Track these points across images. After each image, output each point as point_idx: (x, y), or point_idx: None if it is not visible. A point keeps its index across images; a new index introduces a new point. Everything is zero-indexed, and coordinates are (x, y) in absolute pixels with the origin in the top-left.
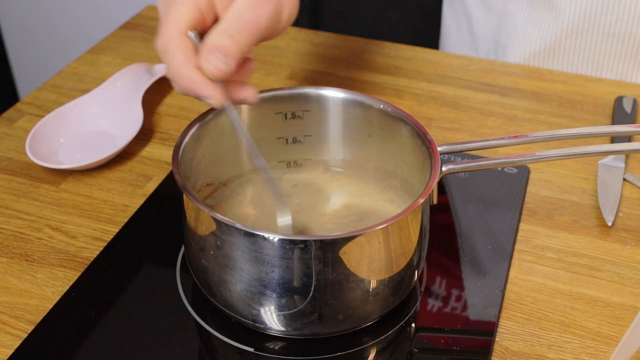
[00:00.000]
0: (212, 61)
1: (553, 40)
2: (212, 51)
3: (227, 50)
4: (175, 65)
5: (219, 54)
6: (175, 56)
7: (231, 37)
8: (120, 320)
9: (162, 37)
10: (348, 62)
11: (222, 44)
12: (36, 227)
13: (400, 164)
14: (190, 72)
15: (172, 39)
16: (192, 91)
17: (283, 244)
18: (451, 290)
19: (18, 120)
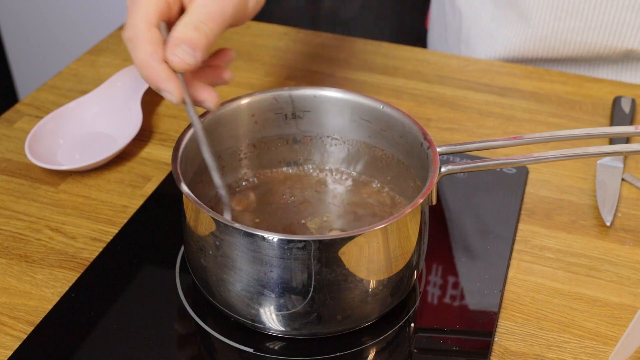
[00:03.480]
0: (178, 54)
1: (518, 44)
2: (179, 44)
3: (194, 43)
4: (141, 56)
5: (185, 46)
6: (142, 47)
7: (197, 28)
8: (119, 321)
9: (130, 28)
10: (347, 62)
11: (188, 36)
12: (35, 228)
13: (399, 164)
14: (155, 64)
15: (140, 30)
16: (154, 83)
17: (282, 244)
18: (450, 291)
19: (17, 122)
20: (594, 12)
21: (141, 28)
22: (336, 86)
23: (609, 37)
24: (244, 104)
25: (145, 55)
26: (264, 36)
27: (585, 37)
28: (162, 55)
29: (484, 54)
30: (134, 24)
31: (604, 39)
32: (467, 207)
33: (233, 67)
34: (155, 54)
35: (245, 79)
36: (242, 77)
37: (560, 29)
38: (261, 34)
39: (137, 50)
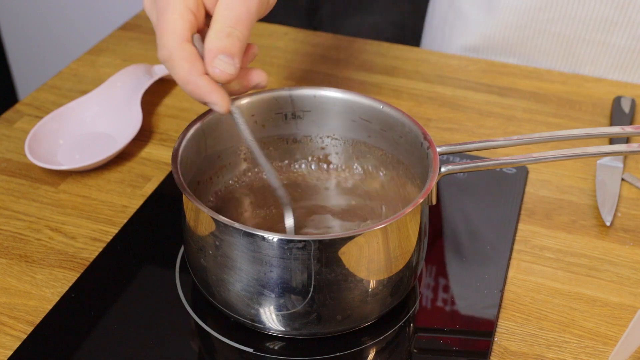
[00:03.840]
0: (218, 66)
1: (490, 31)
2: (216, 55)
3: (230, 51)
4: (181, 75)
5: (223, 56)
6: (179, 65)
7: (229, 35)
8: (119, 321)
9: (163, 48)
10: (347, 62)
11: (223, 46)
12: (35, 228)
13: (399, 164)
14: (196, 80)
15: (174, 49)
16: (199, 98)
17: (282, 244)
18: (450, 291)
19: (17, 122)
20: (572, 4)
21: (174, 46)
22: (336, 86)
23: (585, 30)
24: (244, 104)
25: (185, 73)
26: (264, 36)
27: (562, 29)
28: (201, 69)
29: (461, 41)
30: (166, 44)
31: (581, 32)
32: (467, 207)
33: None
34: (193, 70)
35: None
36: None
37: (537, 19)
38: (261, 34)
39: (176, 69)
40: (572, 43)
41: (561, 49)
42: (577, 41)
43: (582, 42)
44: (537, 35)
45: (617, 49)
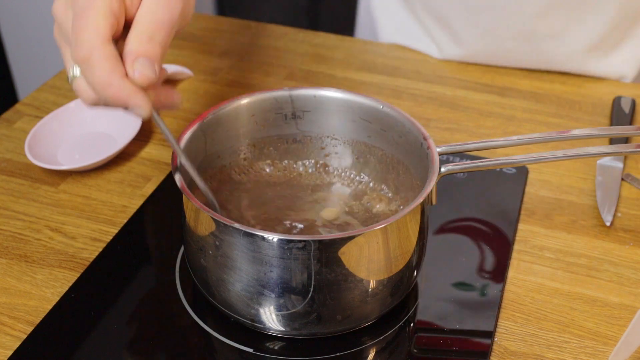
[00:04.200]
0: (138, 69)
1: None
2: (137, 58)
3: (151, 55)
4: (101, 75)
5: (144, 60)
6: (100, 66)
7: (151, 39)
8: (119, 321)
9: (81, 47)
10: (347, 62)
11: (144, 49)
12: (35, 228)
13: (399, 164)
14: (118, 81)
15: (95, 47)
16: (121, 101)
17: (282, 244)
18: (450, 291)
19: (17, 122)
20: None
21: (95, 45)
22: (336, 86)
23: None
24: (244, 104)
25: (106, 74)
26: (264, 36)
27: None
28: (122, 71)
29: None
30: (85, 42)
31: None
32: (467, 207)
33: (233, 67)
34: (116, 70)
35: (245, 79)
36: (242, 77)
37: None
38: (261, 34)
39: (96, 69)
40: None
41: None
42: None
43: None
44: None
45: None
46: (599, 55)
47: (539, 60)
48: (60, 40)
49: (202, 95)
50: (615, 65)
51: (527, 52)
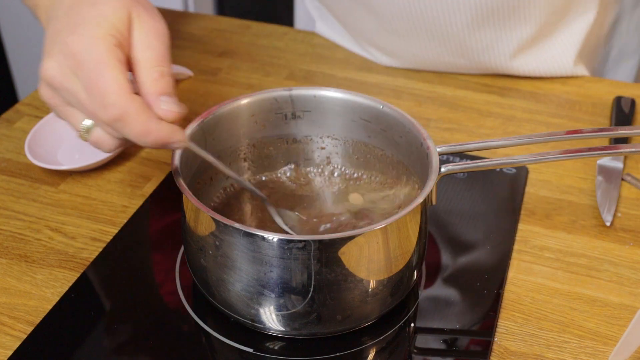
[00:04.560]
0: (165, 107)
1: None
2: (158, 98)
3: (168, 89)
4: (140, 128)
5: (165, 97)
6: (137, 119)
7: (162, 74)
8: (119, 321)
9: (112, 107)
10: (347, 62)
11: (161, 87)
12: (35, 228)
13: (399, 164)
14: (157, 126)
15: (127, 104)
16: (162, 143)
17: (281, 244)
18: (450, 291)
19: (17, 122)
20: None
21: (126, 101)
22: (336, 86)
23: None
24: (244, 104)
25: (143, 125)
26: (264, 36)
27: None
28: (155, 115)
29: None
30: (115, 101)
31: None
32: (467, 207)
33: (233, 67)
34: (151, 118)
35: (245, 79)
36: (242, 77)
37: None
38: (261, 34)
39: (133, 124)
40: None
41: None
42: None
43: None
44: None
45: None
46: (530, 54)
47: (478, 68)
48: (57, 102)
49: (202, 95)
50: (549, 60)
51: (464, 63)
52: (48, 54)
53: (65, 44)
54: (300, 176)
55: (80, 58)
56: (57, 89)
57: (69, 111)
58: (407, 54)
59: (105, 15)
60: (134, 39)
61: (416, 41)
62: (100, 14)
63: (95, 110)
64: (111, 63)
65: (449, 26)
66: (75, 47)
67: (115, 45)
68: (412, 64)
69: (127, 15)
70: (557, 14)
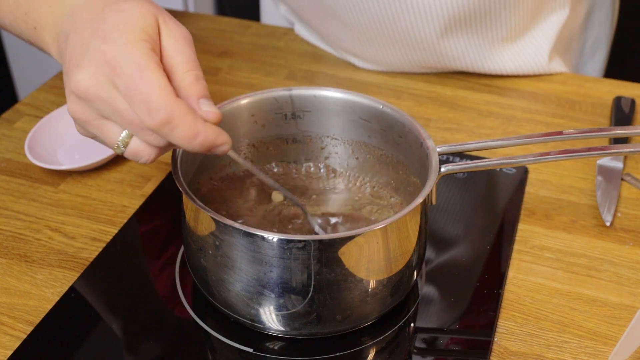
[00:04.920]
0: (206, 109)
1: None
2: (198, 101)
3: (205, 92)
4: (189, 130)
5: (204, 100)
6: (185, 120)
7: (197, 78)
8: (119, 321)
9: (159, 112)
10: (346, 62)
11: (198, 90)
12: (35, 228)
13: (399, 164)
14: (204, 128)
15: (173, 107)
16: (210, 144)
17: (281, 244)
18: (450, 290)
19: (17, 121)
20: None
21: (173, 104)
22: (336, 86)
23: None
24: (244, 104)
25: (191, 126)
26: (264, 36)
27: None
28: (201, 118)
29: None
30: (162, 105)
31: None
32: (467, 207)
33: (233, 67)
34: (198, 120)
35: (245, 79)
36: (242, 77)
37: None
38: (261, 34)
39: (181, 126)
40: None
41: None
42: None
43: None
44: None
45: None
46: (505, 56)
47: (455, 69)
48: (90, 116)
49: None
50: (524, 59)
51: (442, 67)
52: (79, 66)
53: (97, 52)
54: (300, 176)
55: (117, 65)
56: (92, 101)
57: (104, 125)
58: (384, 61)
59: (134, 22)
60: (163, 45)
61: (391, 50)
62: (128, 21)
63: (138, 117)
64: (151, 66)
65: (421, 35)
66: (111, 54)
67: (150, 50)
68: (390, 68)
69: (155, 22)
70: (529, 15)
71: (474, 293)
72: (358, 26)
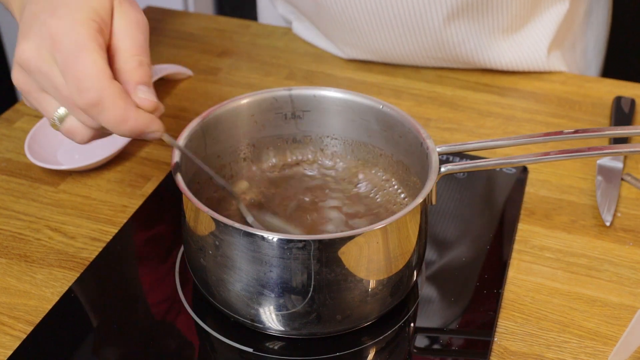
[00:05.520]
0: (142, 95)
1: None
2: (137, 87)
3: (146, 80)
4: (118, 114)
5: (143, 87)
6: (115, 104)
7: (141, 63)
8: (119, 321)
9: (88, 91)
10: (346, 62)
11: (139, 76)
12: (35, 228)
13: (398, 164)
14: (135, 114)
15: (104, 89)
16: (139, 131)
17: (281, 243)
18: (450, 290)
19: (17, 121)
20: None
21: (104, 86)
22: (336, 86)
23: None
24: (244, 104)
25: (121, 110)
26: (264, 36)
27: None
28: (134, 103)
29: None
30: (93, 85)
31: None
32: (467, 207)
33: (233, 67)
34: (129, 105)
35: (245, 79)
36: (242, 77)
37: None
38: (261, 34)
39: (110, 109)
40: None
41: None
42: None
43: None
44: None
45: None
46: (505, 46)
47: (454, 61)
48: (31, 87)
49: (202, 95)
50: (523, 51)
51: (441, 56)
52: (24, 36)
53: (44, 25)
54: (300, 176)
55: (59, 40)
56: (32, 72)
57: (43, 98)
58: (382, 51)
59: (87, 1)
60: (114, 27)
61: (392, 38)
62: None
63: (71, 94)
64: (91, 47)
65: (424, 21)
66: (55, 29)
67: (96, 31)
68: (388, 58)
69: (109, 3)
70: (529, 5)
71: (474, 293)
72: (359, 13)
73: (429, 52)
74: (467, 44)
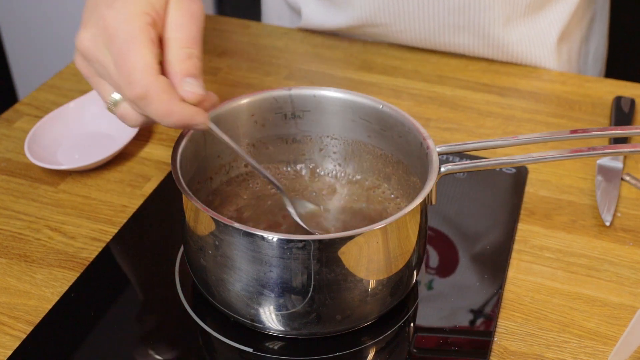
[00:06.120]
0: (188, 89)
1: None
2: (184, 79)
3: (194, 71)
4: (163, 108)
5: (190, 79)
6: (159, 99)
7: (190, 56)
8: (119, 321)
9: (136, 85)
10: (346, 62)
11: (186, 68)
12: (35, 228)
13: (398, 164)
14: (180, 108)
15: (151, 83)
16: (184, 124)
17: (281, 243)
18: (450, 290)
19: (17, 121)
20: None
21: (150, 81)
22: (336, 86)
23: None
24: (244, 104)
25: (166, 105)
26: (264, 36)
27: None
28: (178, 97)
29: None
30: (140, 79)
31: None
32: (467, 207)
33: (233, 67)
34: (173, 99)
35: (245, 79)
36: (242, 77)
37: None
38: (261, 34)
39: (155, 103)
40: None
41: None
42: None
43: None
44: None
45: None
46: (520, 24)
47: (470, 32)
48: (90, 72)
49: None
50: (536, 32)
51: (461, 23)
52: (84, 25)
53: (101, 17)
54: (300, 176)
55: (113, 32)
56: (90, 59)
57: (100, 82)
58: (402, 19)
59: None
60: (168, 19)
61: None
62: None
63: (121, 85)
64: (141, 41)
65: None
66: (110, 21)
67: (149, 24)
68: (404, 24)
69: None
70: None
71: (474, 293)
72: None
73: (450, 16)
74: (489, 11)
